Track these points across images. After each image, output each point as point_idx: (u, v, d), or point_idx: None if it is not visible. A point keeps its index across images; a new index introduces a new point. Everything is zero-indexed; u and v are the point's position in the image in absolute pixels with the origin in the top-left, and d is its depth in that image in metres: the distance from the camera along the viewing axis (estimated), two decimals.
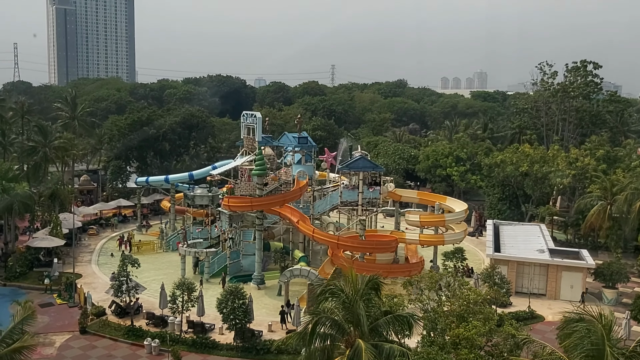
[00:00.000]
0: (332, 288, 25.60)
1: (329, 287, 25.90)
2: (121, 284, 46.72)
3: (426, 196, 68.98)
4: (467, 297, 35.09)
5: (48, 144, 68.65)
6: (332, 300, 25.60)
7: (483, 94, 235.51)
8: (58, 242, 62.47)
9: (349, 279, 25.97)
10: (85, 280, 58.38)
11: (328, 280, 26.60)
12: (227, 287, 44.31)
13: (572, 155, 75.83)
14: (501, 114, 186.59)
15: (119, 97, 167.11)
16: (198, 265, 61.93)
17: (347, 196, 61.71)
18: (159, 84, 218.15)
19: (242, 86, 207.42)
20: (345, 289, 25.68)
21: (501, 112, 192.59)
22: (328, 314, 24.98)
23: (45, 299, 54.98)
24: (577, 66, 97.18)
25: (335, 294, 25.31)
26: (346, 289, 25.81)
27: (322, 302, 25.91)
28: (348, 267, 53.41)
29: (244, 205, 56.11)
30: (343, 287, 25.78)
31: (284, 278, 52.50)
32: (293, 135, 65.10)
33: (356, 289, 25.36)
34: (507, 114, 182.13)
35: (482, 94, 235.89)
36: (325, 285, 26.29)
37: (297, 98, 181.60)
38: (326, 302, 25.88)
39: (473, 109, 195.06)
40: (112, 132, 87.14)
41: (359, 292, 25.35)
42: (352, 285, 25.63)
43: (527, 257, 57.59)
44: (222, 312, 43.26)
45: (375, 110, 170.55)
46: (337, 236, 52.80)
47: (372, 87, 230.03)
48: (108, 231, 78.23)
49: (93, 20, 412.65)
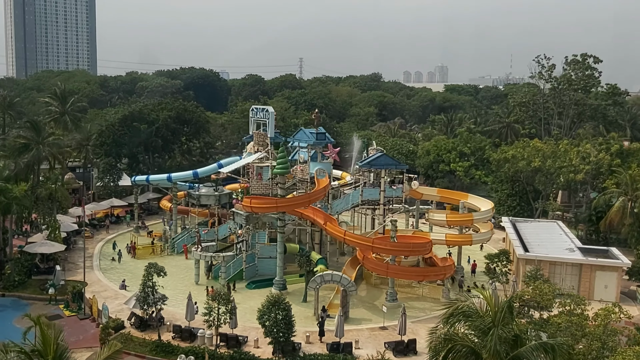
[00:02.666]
0: (465, 310, 22.35)
1: (461, 309, 22.65)
2: (147, 295, 42.66)
3: (447, 194, 66.40)
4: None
5: (42, 141, 63.48)
6: (465, 323, 22.39)
7: (457, 88, 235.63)
8: (59, 248, 57.85)
9: (485, 300, 22.64)
10: (93, 289, 53.94)
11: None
12: (269, 296, 40.69)
13: (586, 149, 74.34)
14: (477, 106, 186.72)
15: (90, 91, 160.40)
16: (211, 270, 58.13)
17: (368, 195, 58.76)
18: (128, 76, 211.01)
19: (216, 79, 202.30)
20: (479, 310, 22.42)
21: (477, 105, 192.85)
22: (463, 340, 21.88)
23: (50, 311, 50.44)
24: (577, 59, 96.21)
25: (469, 316, 22.11)
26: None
27: (453, 325, 22.65)
28: (381, 270, 51.06)
29: (269, 206, 52.51)
30: (477, 309, 22.46)
31: (313, 284, 49.16)
32: (310, 131, 61.64)
33: (494, 312, 22.03)
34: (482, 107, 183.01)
35: (457, 88, 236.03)
36: (456, 307, 23.02)
37: (275, 91, 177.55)
38: (455, 325, 22.59)
39: (450, 103, 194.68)
40: (102, 127, 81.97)
41: (499, 315, 22.09)
42: (487, 307, 22.27)
43: (560, 256, 55.61)
44: (264, 324, 39.77)
45: (355, 104, 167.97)
46: (372, 239, 49.63)
47: (347, 80, 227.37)
48: (103, 233, 73.47)
49: (52, 11, 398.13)
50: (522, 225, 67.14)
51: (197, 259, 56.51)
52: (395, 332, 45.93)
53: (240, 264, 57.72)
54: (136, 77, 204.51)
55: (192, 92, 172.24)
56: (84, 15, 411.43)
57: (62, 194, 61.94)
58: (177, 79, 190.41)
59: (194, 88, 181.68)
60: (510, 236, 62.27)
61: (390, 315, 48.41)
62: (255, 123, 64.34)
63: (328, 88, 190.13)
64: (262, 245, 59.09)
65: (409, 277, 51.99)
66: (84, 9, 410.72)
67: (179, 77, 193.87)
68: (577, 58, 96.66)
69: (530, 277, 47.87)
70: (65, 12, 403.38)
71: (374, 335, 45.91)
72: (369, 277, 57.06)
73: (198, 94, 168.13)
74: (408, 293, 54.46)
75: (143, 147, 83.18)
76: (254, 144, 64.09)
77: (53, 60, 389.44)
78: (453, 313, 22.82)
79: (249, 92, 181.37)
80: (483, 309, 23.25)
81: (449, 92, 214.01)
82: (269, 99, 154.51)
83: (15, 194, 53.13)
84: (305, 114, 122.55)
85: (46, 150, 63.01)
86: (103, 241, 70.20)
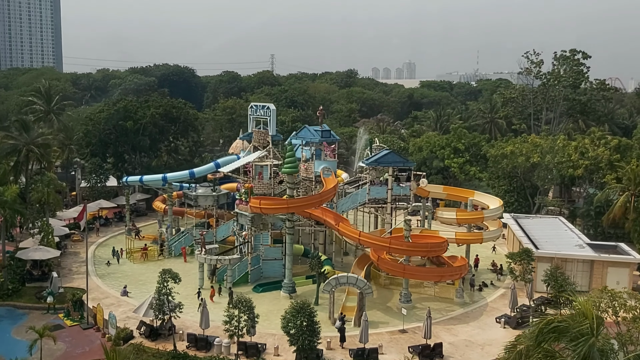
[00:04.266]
0: (559, 324, 20.17)
1: (555, 323, 20.47)
2: (162, 303, 40.37)
3: (453, 191, 65.27)
4: None
5: (31, 141, 60.16)
6: (560, 339, 20.16)
7: (433, 84, 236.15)
8: (54, 253, 54.99)
9: (581, 312, 20.49)
10: (93, 296, 51.17)
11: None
12: (294, 303, 38.79)
13: (585, 144, 74.06)
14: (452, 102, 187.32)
15: (63, 88, 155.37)
16: (215, 274, 55.94)
17: (375, 193, 57.23)
18: (100, 73, 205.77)
19: (191, 76, 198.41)
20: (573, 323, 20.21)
21: (453, 100, 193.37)
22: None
23: (50, 321, 47.70)
24: (566, 55, 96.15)
25: (564, 332, 19.94)
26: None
27: (548, 342, 20.28)
28: (398, 271, 49.58)
29: (279, 207, 50.52)
30: (573, 321, 20.21)
31: (328, 287, 47.43)
32: (315, 129, 59.83)
33: (592, 327, 19.72)
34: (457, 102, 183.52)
35: (432, 84, 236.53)
36: (548, 321, 20.80)
37: (252, 88, 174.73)
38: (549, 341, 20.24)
39: (428, 99, 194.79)
40: (87, 126, 78.61)
41: (597, 331, 19.83)
42: (583, 319, 20.01)
43: (572, 253, 54.89)
44: (288, 332, 37.87)
45: (334, 100, 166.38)
46: (389, 239, 48.04)
47: (324, 77, 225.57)
48: (93, 236, 70.39)
49: (16, 8, 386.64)
50: (524, 222, 66.36)
51: (201, 263, 54.22)
52: (416, 335, 44.64)
53: (245, 267, 55.71)
54: (108, 74, 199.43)
55: (167, 89, 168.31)
56: (48, 12, 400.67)
57: (54, 197, 58.90)
58: (151, 75, 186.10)
59: (169, 85, 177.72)
60: (517, 233, 61.38)
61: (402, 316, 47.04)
62: (254, 121, 62.16)
63: (305, 85, 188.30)
64: (266, 247, 57.12)
65: (425, 278, 50.65)
66: (48, 5, 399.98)
67: (152, 73, 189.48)
68: (566, 54, 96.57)
69: (550, 276, 46.87)
70: (30, 9, 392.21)
71: (395, 339, 44.39)
72: (377, 277, 55.56)
73: (173, 91, 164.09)
74: (419, 293, 53.14)
75: (130, 146, 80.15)
76: (254, 142, 61.97)
77: (17, 57, 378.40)
78: (544, 328, 20.65)
79: (226, 89, 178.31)
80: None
81: (426, 88, 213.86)
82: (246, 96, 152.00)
83: (6, 198, 50.03)
84: (291, 111, 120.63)
85: (35, 151, 59.73)
86: (95, 245, 67.25)
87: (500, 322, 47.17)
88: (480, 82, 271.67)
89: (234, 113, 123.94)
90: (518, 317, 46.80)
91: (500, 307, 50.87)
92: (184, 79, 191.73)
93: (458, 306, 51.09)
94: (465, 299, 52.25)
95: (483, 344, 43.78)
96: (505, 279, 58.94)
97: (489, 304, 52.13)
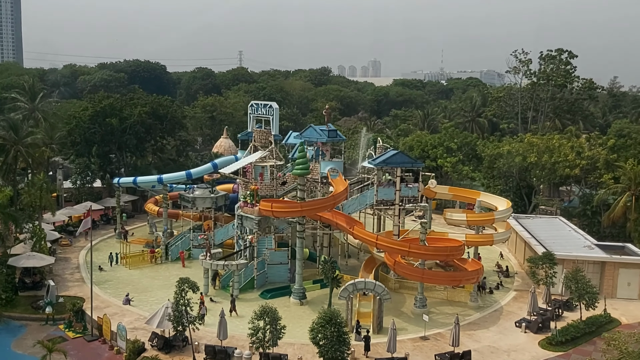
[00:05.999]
0: None
1: None
2: (181, 315, 38.06)
3: (459, 192, 64.22)
4: None
5: (20, 141, 56.67)
6: None
7: (405, 82, 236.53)
8: (49, 260, 51.97)
9: None
10: (93, 305, 47.78)
11: None
12: (324, 311, 36.92)
13: (581, 144, 74.03)
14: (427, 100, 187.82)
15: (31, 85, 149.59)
16: (216, 279, 53.76)
17: (383, 194, 55.68)
18: (67, 69, 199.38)
19: (163, 72, 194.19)
20: None
21: (427, 99, 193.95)
22: None
23: (51, 333, 44.99)
24: (552, 55, 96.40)
25: None
26: None
27: None
28: (416, 276, 48.15)
29: (293, 211, 48.55)
30: None
31: (345, 293, 45.77)
32: (321, 128, 58.00)
33: None
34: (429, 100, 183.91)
35: (405, 82, 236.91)
36: None
37: (228, 85, 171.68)
38: None
39: (404, 97, 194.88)
40: (71, 124, 75.07)
41: None
42: None
43: (583, 255, 54.33)
44: (317, 343, 36.04)
45: (312, 98, 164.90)
46: (408, 243, 46.55)
47: (297, 74, 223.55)
48: (81, 240, 67.24)
49: None
50: (525, 222, 65.87)
51: (206, 268, 51.92)
52: (439, 342, 43.43)
53: (250, 272, 53.62)
54: (77, 70, 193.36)
55: (138, 85, 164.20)
56: (8, 7, 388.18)
57: (48, 200, 55.73)
58: (120, 71, 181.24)
59: (140, 81, 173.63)
60: (522, 234, 60.76)
61: (419, 322, 45.76)
62: (254, 120, 60.03)
63: (279, 82, 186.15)
64: (271, 251, 55.13)
65: (443, 282, 49.35)
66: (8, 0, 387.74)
67: (123, 70, 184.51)
68: (552, 53, 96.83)
69: (570, 279, 46.06)
70: None
71: (418, 346, 42.99)
72: (386, 281, 54.01)
73: (144, 88, 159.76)
74: (429, 297, 51.67)
75: (116, 145, 76.98)
76: (254, 142, 59.86)
77: None
78: None
79: (200, 86, 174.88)
80: None
81: (401, 87, 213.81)
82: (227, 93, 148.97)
83: None
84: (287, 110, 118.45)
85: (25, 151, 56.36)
86: (85, 249, 64.04)
87: (520, 326, 46.20)
88: (450, 80, 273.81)
89: (215, 111, 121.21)
90: (539, 322, 45.90)
91: (516, 311, 49.98)
92: (155, 75, 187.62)
93: (473, 310, 49.97)
94: (479, 303, 51.24)
95: (508, 350, 42.73)
96: (513, 280, 58.41)
97: (503, 307, 51.18)
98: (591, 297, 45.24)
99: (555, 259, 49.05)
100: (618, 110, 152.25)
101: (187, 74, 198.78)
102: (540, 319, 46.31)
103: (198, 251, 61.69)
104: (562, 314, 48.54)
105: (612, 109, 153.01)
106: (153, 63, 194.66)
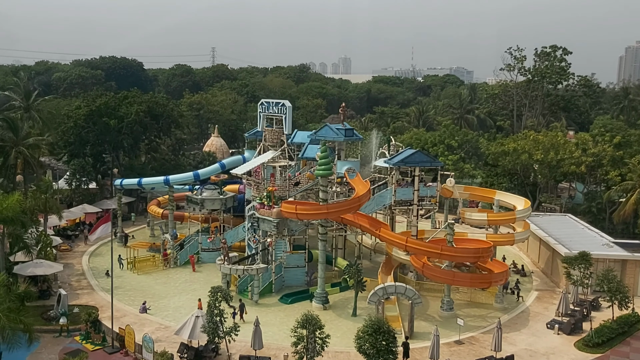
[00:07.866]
0: None
1: None
2: (216, 326, 36.05)
3: (475, 191, 63.14)
4: None
5: (20, 141, 53.54)
6: None
7: (384, 79, 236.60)
8: (57, 268, 49.24)
9: None
10: (107, 314, 45.56)
11: None
12: (368, 320, 35.27)
13: (587, 141, 73.83)
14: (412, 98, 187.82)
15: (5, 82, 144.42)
16: (229, 285, 51.69)
17: (401, 195, 54.24)
18: (40, 66, 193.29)
19: (140, 69, 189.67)
20: None
21: (411, 97, 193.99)
22: None
23: (67, 345, 42.47)
24: (547, 51, 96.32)
25: None
26: None
27: None
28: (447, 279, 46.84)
29: (319, 213, 46.75)
30: None
31: (375, 297, 44.33)
32: (337, 127, 56.24)
33: None
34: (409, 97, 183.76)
35: (383, 79, 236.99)
36: None
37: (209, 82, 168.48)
38: None
39: (385, 94, 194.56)
40: (67, 124, 71.85)
41: None
42: None
43: (607, 253, 53.69)
44: (365, 353, 34.41)
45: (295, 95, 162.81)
46: (440, 246, 45.17)
47: (276, 71, 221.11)
48: (81, 244, 64.43)
49: None
50: (537, 221, 65.02)
51: (224, 273, 49.83)
52: (475, 346, 42.34)
53: (268, 276, 51.74)
54: (51, 67, 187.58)
55: (114, 83, 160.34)
56: None
57: (54, 204, 52.82)
58: (97, 68, 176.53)
59: (116, 79, 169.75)
60: (538, 233, 59.98)
61: (447, 325, 44.57)
62: (265, 119, 57.97)
63: (258, 79, 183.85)
64: (288, 254, 53.32)
65: (474, 285, 48.02)
66: None
67: (99, 67, 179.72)
68: (546, 50, 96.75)
69: (603, 279, 45.33)
70: None
71: (455, 351, 41.69)
72: (405, 283, 52.57)
73: (120, 85, 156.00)
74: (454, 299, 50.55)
75: (112, 145, 74.05)
76: (265, 142, 57.92)
77: None
78: None
79: (179, 83, 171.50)
80: None
81: (382, 84, 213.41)
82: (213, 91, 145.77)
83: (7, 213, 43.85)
84: None
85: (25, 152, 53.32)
86: (86, 254, 61.40)
87: (553, 328, 45.30)
88: (427, 77, 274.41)
89: (201, 109, 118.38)
90: (572, 323, 45.07)
91: (542, 312, 49.15)
92: (132, 72, 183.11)
93: (500, 312, 48.92)
94: (504, 304, 50.26)
95: (546, 353, 41.75)
96: (531, 279, 57.67)
97: (529, 308, 50.30)
98: (623, 297, 44.60)
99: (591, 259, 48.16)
100: (598, 107, 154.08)
101: (163, 70, 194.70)
102: (572, 320, 45.50)
103: (206, 255, 59.75)
104: (590, 315, 47.84)
105: (593, 106, 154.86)
106: (129, 60, 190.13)
